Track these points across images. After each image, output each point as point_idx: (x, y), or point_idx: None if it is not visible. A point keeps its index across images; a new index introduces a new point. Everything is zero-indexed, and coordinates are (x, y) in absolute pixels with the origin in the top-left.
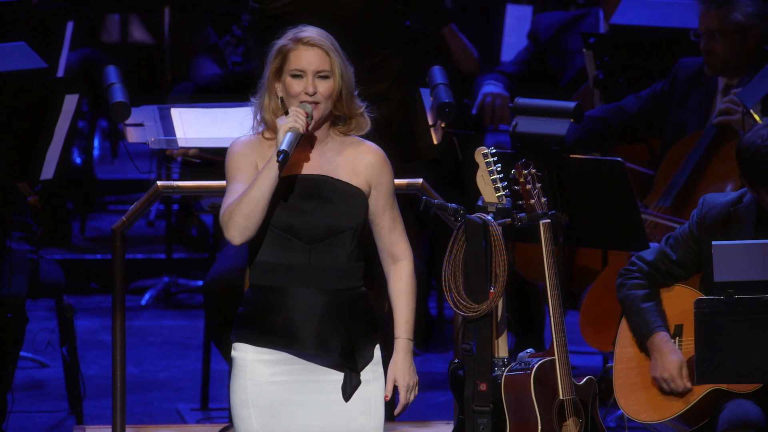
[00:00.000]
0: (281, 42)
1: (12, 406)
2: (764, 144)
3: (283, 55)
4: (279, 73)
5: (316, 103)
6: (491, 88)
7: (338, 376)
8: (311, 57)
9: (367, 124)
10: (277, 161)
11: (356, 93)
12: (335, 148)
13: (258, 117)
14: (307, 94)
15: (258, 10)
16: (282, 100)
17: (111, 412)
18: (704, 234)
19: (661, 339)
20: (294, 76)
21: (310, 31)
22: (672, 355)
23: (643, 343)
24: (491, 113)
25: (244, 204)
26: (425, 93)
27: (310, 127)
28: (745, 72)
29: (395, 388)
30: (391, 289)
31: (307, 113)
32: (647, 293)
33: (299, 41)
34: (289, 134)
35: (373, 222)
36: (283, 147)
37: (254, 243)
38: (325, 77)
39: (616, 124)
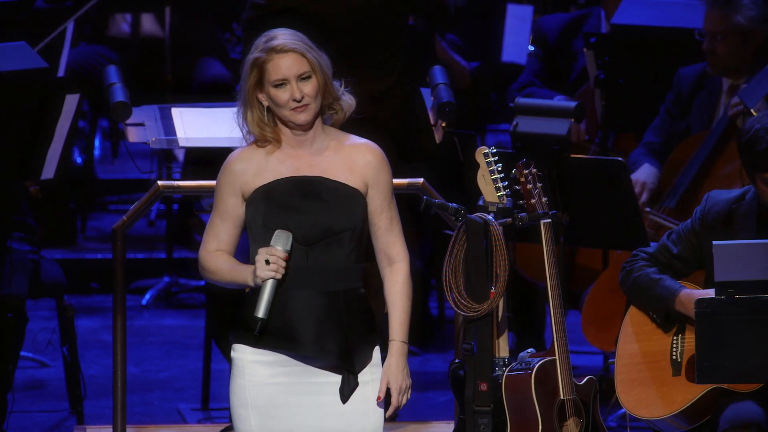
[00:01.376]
0: (254, 55)
1: (12, 406)
2: (763, 126)
3: (260, 67)
4: (260, 84)
5: (305, 105)
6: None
7: (337, 378)
8: (289, 63)
9: (351, 100)
10: (255, 333)
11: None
12: (332, 148)
13: (245, 130)
14: (295, 101)
15: (262, 6)
16: (268, 108)
17: (111, 412)
18: (706, 230)
19: (689, 293)
20: (277, 86)
21: (280, 37)
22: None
23: (669, 310)
24: None
25: (218, 278)
26: (426, 93)
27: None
28: (749, 73)
29: (388, 390)
30: (386, 292)
31: (287, 255)
32: (658, 270)
33: (272, 50)
34: (268, 291)
35: (370, 222)
36: (261, 315)
37: (253, 244)
38: (308, 78)
39: (662, 156)
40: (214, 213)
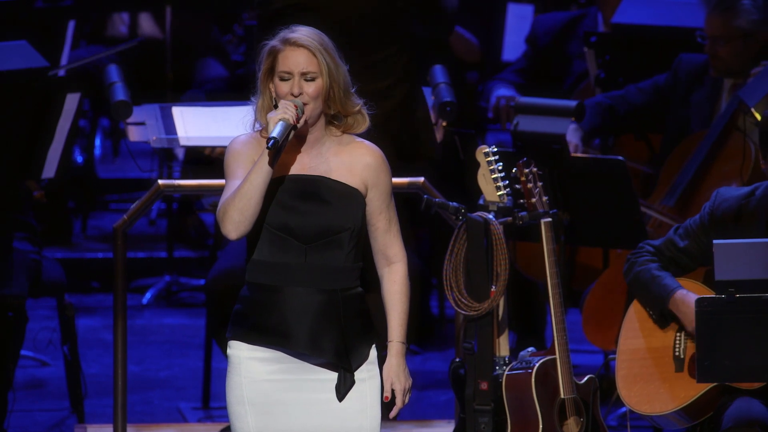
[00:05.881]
0: (271, 43)
1: (13, 405)
2: None
3: (273, 56)
4: (271, 73)
5: (303, 104)
6: (504, 91)
7: (334, 375)
8: (297, 58)
9: (365, 121)
10: (267, 148)
11: (353, 90)
12: (332, 149)
13: (254, 117)
14: (292, 95)
15: (267, 3)
16: (275, 99)
17: (112, 411)
18: (714, 227)
19: (684, 295)
20: (282, 78)
21: (299, 32)
22: None
23: (663, 309)
24: (506, 115)
25: (237, 199)
26: (426, 92)
27: (301, 122)
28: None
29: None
30: (384, 292)
31: (296, 105)
32: (660, 266)
33: (287, 42)
34: (279, 123)
35: (369, 223)
36: (273, 134)
37: (251, 241)
38: (312, 78)
39: (622, 112)
40: (228, 180)
